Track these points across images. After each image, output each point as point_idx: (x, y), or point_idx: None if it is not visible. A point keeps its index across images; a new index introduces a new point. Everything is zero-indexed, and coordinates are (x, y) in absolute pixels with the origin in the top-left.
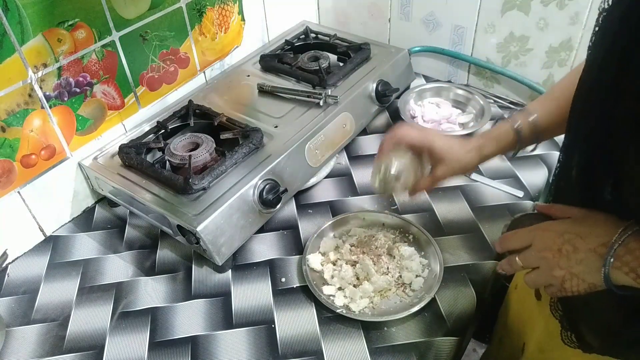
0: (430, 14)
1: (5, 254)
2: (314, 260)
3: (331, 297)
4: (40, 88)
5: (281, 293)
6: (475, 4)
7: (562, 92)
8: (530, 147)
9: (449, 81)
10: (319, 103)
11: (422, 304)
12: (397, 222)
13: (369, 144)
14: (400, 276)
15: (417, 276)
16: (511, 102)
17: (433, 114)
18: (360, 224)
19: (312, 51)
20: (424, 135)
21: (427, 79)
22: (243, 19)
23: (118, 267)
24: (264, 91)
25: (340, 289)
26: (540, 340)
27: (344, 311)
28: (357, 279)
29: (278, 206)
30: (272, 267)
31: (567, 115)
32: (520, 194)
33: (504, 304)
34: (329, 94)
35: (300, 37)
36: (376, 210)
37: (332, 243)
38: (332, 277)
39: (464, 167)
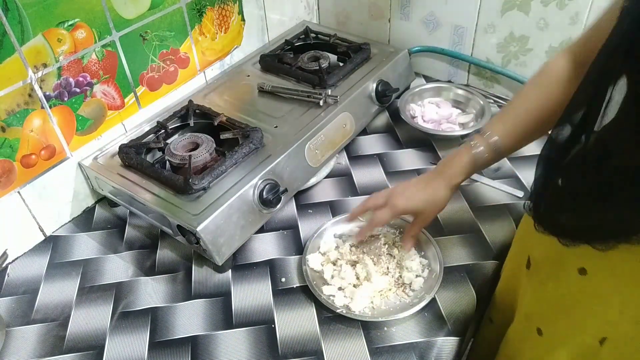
0: (430, 14)
1: (5, 254)
2: (314, 260)
3: (331, 297)
4: (40, 88)
5: (281, 293)
6: (475, 4)
7: (519, 111)
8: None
9: (449, 81)
10: (319, 103)
11: (422, 304)
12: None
13: (369, 144)
14: (400, 276)
15: (417, 276)
16: None
17: (433, 114)
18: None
19: (312, 51)
20: (394, 211)
21: (427, 79)
22: (243, 19)
23: (118, 267)
24: (264, 91)
25: (340, 289)
26: (528, 306)
27: (344, 311)
28: (357, 279)
29: (278, 206)
30: (272, 267)
31: (526, 133)
32: (520, 194)
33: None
34: (329, 94)
35: (300, 37)
36: None
37: (332, 243)
38: (332, 277)
39: (442, 208)
